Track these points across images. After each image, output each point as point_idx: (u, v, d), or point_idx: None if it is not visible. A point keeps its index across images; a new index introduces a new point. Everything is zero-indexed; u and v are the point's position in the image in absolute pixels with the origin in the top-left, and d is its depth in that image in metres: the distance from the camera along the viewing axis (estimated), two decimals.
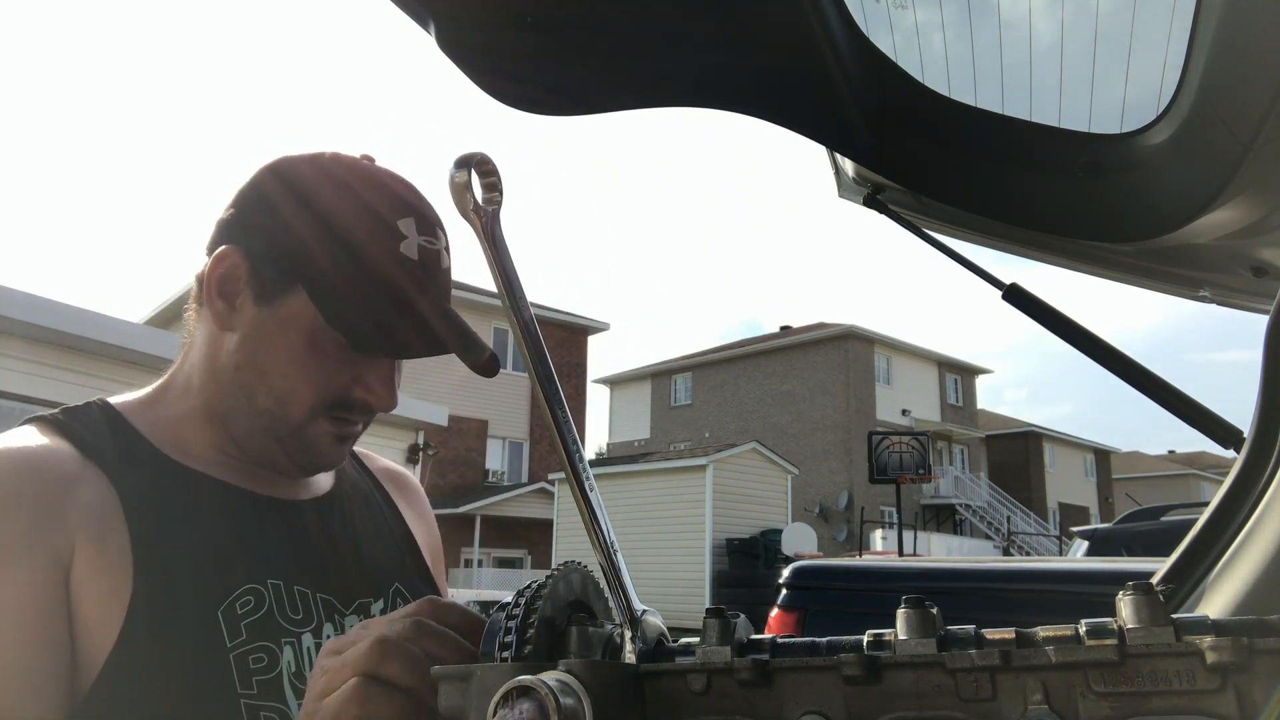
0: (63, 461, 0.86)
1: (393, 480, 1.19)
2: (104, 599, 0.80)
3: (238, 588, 0.87)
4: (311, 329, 0.91)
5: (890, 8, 0.93)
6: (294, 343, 0.92)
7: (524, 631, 0.58)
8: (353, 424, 0.96)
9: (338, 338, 0.91)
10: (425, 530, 1.18)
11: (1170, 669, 0.49)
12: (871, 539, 22.77)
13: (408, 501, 1.18)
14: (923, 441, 15.73)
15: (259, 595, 0.88)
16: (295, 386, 0.92)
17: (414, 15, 0.81)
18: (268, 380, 0.93)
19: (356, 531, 1.04)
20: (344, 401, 0.93)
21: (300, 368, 0.92)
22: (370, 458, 1.20)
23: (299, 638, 0.90)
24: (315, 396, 0.92)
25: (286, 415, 0.93)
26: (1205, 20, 0.74)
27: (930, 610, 0.54)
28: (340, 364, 0.92)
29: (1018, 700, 0.50)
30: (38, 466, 0.84)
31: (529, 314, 0.66)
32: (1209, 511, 0.74)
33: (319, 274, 0.91)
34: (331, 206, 0.92)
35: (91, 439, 0.90)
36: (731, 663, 0.55)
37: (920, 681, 0.52)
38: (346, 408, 0.94)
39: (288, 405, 0.92)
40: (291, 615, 0.90)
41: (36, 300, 7.01)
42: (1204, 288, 1.01)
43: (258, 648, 0.86)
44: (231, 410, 0.95)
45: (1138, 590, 0.52)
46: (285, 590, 0.91)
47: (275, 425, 0.93)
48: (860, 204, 1.12)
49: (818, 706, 0.53)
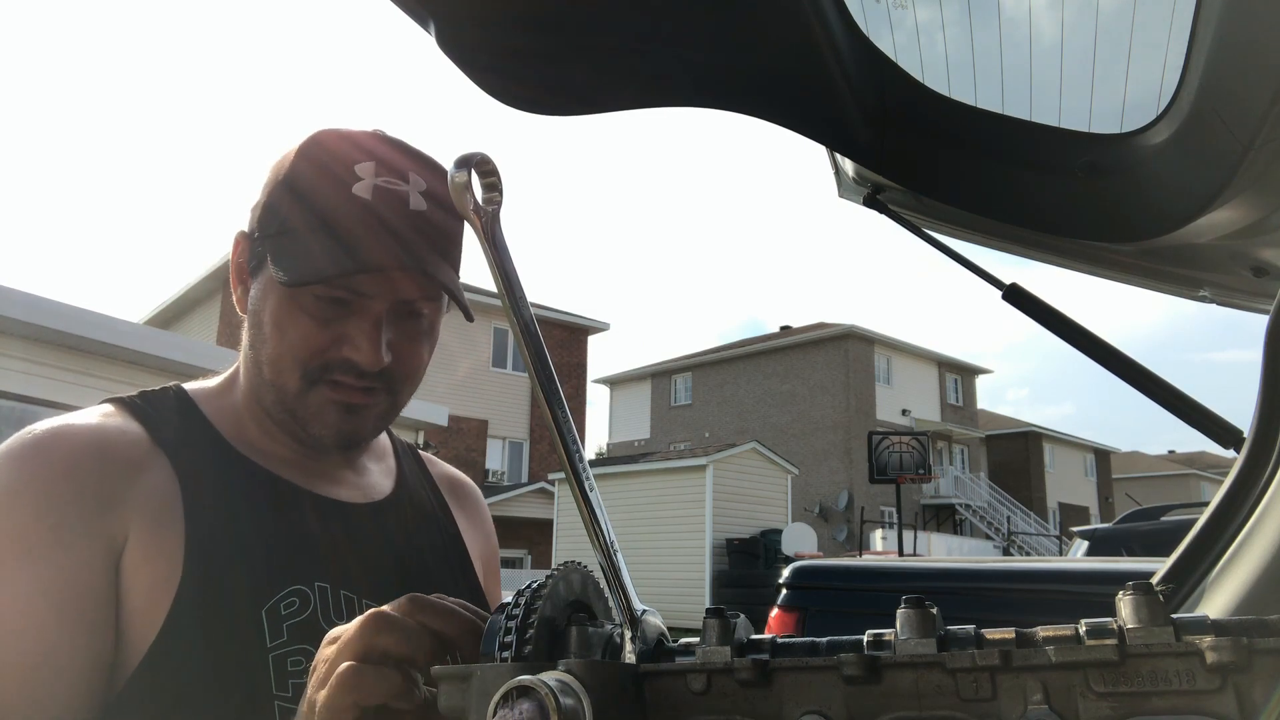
0: (132, 445, 0.87)
1: (452, 488, 1.18)
2: (153, 587, 0.81)
3: (284, 588, 0.87)
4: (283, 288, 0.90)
5: (890, 8, 0.93)
6: (274, 306, 0.91)
7: (524, 631, 0.58)
8: (352, 389, 0.93)
9: (313, 292, 0.89)
10: (482, 541, 1.17)
11: (1170, 669, 0.49)
12: (871, 539, 22.77)
13: (465, 511, 1.17)
14: (923, 441, 15.73)
15: (304, 597, 0.88)
16: (281, 350, 0.91)
17: (414, 15, 0.81)
18: (266, 350, 0.93)
19: (409, 539, 1.03)
20: (330, 362, 0.91)
21: (281, 330, 0.91)
22: (433, 463, 1.20)
23: None
24: (300, 358, 0.91)
25: (284, 384, 0.92)
26: (1205, 20, 0.74)
27: (930, 610, 0.54)
28: (320, 323, 0.91)
29: (1018, 700, 0.50)
30: (106, 448, 0.86)
31: (529, 314, 0.66)
32: (1209, 511, 0.74)
33: (277, 229, 0.92)
34: (297, 169, 0.93)
35: (163, 425, 0.92)
36: (731, 663, 0.55)
37: (920, 681, 0.52)
38: (335, 368, 0.92)
39: (281, 373, 0.92)
40: (335, 620, 0.89)
41: (36, 300, 7.01)
42: (1204, 288, 1.01)
43: (297, 650, 0.85)
44: (258, 394, 0.95)
45: (1138, 590, 0.52)
46: (331, 594, 0.90)
47: (281, 398, 0.93)
48: (860, 204, 1.12)
49: (818, 706, 0.53)
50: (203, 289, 27.07)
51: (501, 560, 4.71)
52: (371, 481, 1.05)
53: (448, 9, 0.81)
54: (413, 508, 1.07)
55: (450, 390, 23.41)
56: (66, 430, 0.86)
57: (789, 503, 21.32)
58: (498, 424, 26.97)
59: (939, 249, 1.05)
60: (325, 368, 0.91)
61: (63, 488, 0.82)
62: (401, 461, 1.13)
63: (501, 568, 4.16)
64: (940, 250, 1.05)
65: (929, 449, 16.06)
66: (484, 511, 1.22)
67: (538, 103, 0.90)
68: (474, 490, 1.23)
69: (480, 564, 1.13)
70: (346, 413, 0.94)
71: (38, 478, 0.82)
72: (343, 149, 0.93)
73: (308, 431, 0.94)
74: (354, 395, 0.93)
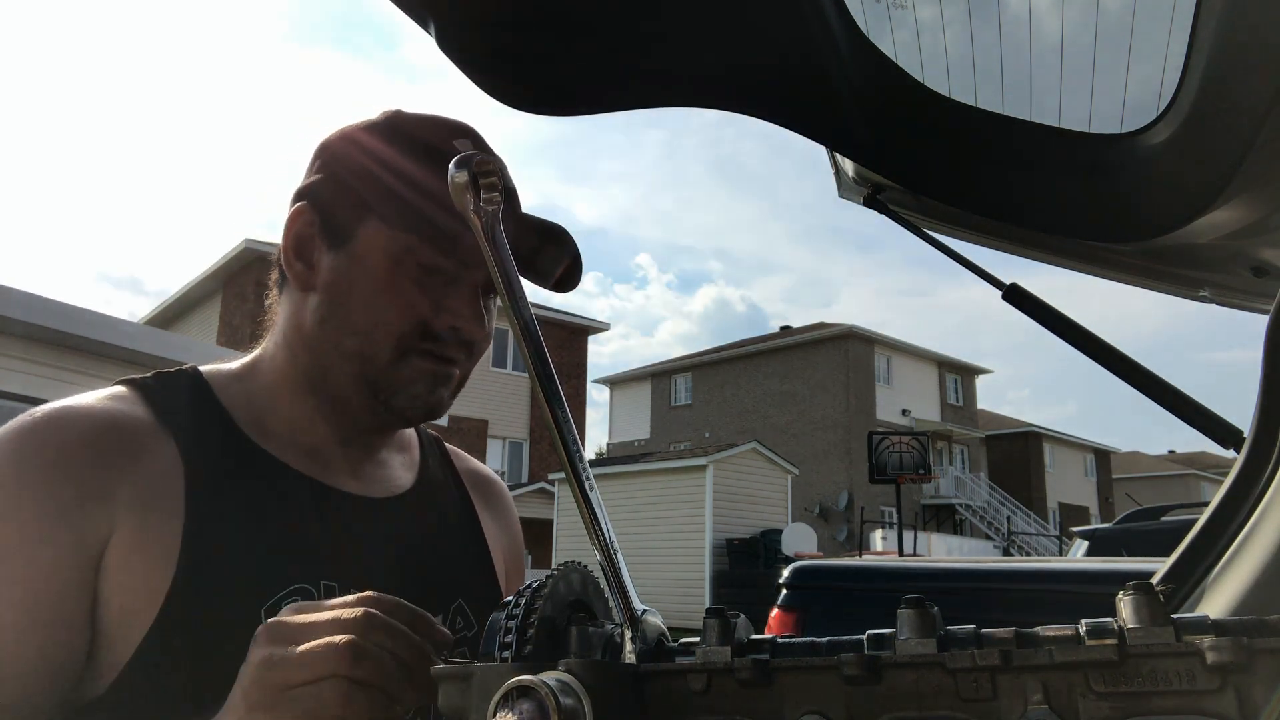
0: (133, 431, 0.84)
1: (477, 484, 1.13)
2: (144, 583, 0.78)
3: (288, 585, 0.83)
4: (387, 252, 0.88)
5: (890, 8, 0.93)
6: (372, 272, 0.89)
7: (524, 631, 0.58)
8: (448, 361, 0.92)
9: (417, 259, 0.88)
10: (506, 541, 1.12)
11: (1170, 669, 0.49)
12: (871, 539, 22.76)
13: (491, 508, 1.12)
14: (923, 441, 15.73)
15: (308, 596, 0.84)
16: (378, 318, 0.89)
17: (414, 15, 0.81)
18: (351, 320, 0.90)
19: (429, 537, 1.00)
20: (430, 331, 0.89)
21: (380, 296, 0.89)
22: (460, 457, 1.16)
23: None
24: (399, 326, 0.88)
25: (374, 354, 0.89)
26: (1205, 20, 0.74)
27: (930, 610, 0.54)
28: (422, 290, 0.89)
29: (1018, 700, 0.50)
30: (101, 436, 0.82)
31: (529, 314, 0.66)
32: (1209, 511, 0.74)
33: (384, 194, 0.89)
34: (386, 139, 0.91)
35: (174, 409, 0.88)
36: (731, 663, 0.55)
37: (920, 681, 0.52)
38: (434, 338, 0.90)
39: (374, 341, 0.89)
40: None
41: (36, 300, 7.01)
42: (1204, 288, 1.01)
43: None
44: (325, 370, 0.92)
45: (1138, 590, 0.52)
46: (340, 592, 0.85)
47: (365, 368, 0.90)
48: (860, 204, 1.12)
49: (818, 706, 0.53)
50: (203, 289, 27.07)
51: None
52: (392, 474, 1.01)
53: (448, 9, 0.81)
54: (433, 503, 1.03)
55: None
56: (62, 417, 0.83)
57: (789, 503, 21.32)
58: (498, 424, 26.97)
59: (939, 249, 1.05)
60: (425, 336, 0.89)
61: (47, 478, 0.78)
62: (426, 454, 1.09)
63: None
64: (940, 250, 1.05)
65: (929, 449, 16.06)
66: (510, 509, 1.17)
67: (538, 103, 0.90)
68: (500, 487, 1.18)
69: (503, 563, 1.09)
70: (435, 384, 0.92)
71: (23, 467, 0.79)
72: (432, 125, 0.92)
73: (391, 405, 0.91)
74: (446, 367, 0.92)
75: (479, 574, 1.03)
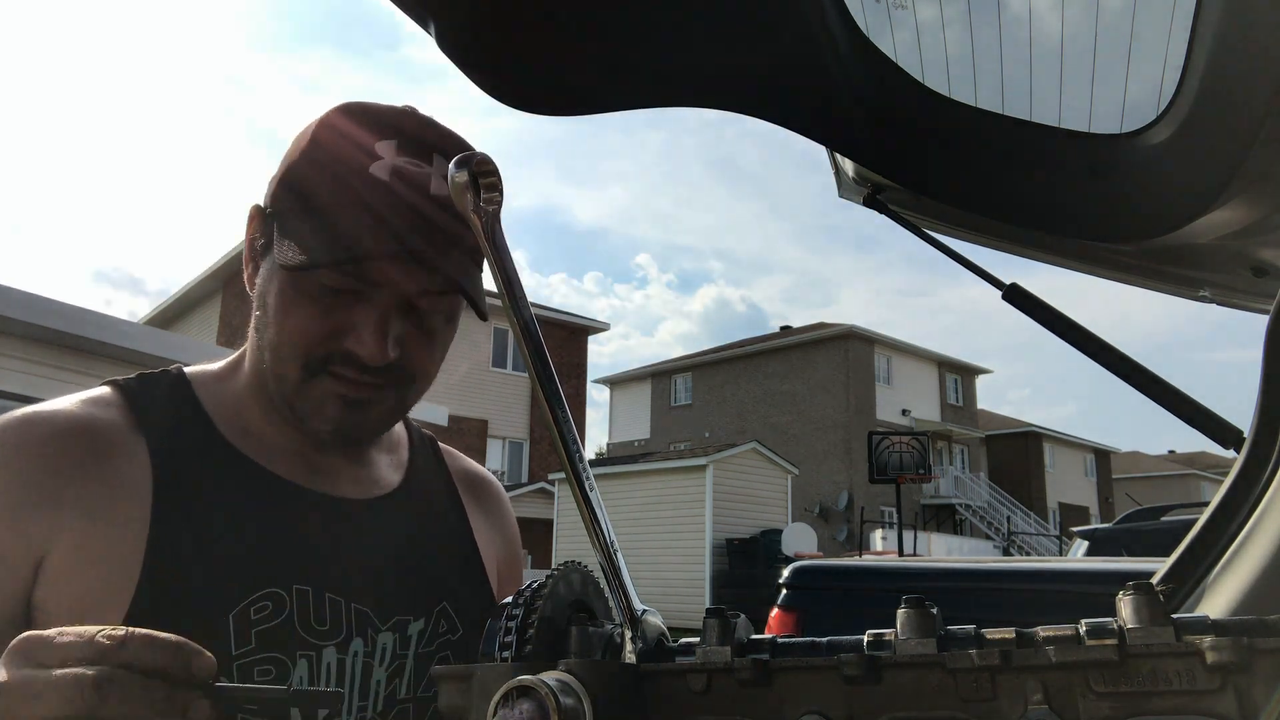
0: (104, 434, 0.82)
1: (469, 484, 1.09)
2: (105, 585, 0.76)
3: (257, 590, 0.80)
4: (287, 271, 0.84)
5: (890, 8, 0.93)
6: (277, 289, 0.85)
7: (524, 631, 0.58)
8: (357, 384, 0.86)
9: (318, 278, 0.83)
10: (500, 543, 1.08)
11: (1170, 669, 0.49)
12: (871, 539, 22.76)
13: (483, 509, 1.08)
14: (923, 441, 15.73)
15: (279, 601, 0.81)
16: (283, 338, 0.85)
17: (414, 15, 0.81)
18: (268, 336, 0.87)
19: (413, 539, 0.96)
20: (332, 354, 0.85)
21: (283, 316, 0.85)
22: (452, 456, 1.12)
23: (319, 651, 0.83)
24: (301, 348, 0.84)
25: (285, 373, 0.86)
26: (1205, 20, 0.74)
27: (930, 610, 0.54)
28: (323, 311, 0.84)
29: (1018, 700, 0.50)
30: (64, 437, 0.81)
31: (529, 314, 0.66)
32: (1209, 511, 0.74)
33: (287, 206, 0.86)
34: (315, 142, 0.87)
35: (151, 411, 0.87)
36: (731, 663, 0.55)
37: (920, 681, 0.52)
38: (337, 361, 0.85)
39: (282, 359, 0.86)
40: (316, 626, 0.83)
41: (37, 300, 7.01)
42: (1204, 288, 1.01)
43: (267, 659, 0.79)
44: (261, 379, 0.89)
45: (1138, 590, 0.52)
46: (314, 597, 0.84)
47: (281, 386, 0.87)
48: (860, 204, 1.12)
49: (818, 706, 0.53)
50: (203, 289, 27.08)
51: None
52: (377, 475, 0.97)
53: (448, 9, 0.81)
54: (421, 503, 1.00)
55: (450, 390, 23.41)
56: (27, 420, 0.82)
57: (789, 503, 21.32)
58: (498, 424, 26.97)
59: (939, 249, 1.05)
60: (327, 359, 0.85)
61: None
62: (416, 454, 1.05)
63: None
64: (940, 250, 1.05)
65: (929, 449, 16.06)
66: (505, 510, 1.13)
67: (538, 103, 0.90)
68: (495, 487, 1.14)
69: (495, 565, 1.05)
70: (349, 407, 0.87)
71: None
72: (365, 124, 0.86)
73: (306, 426, 0.88)
74: (357, 389, 0.86)
75: (466, 577, 1.00)
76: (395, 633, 0.89)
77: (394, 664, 0.88)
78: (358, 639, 0.85)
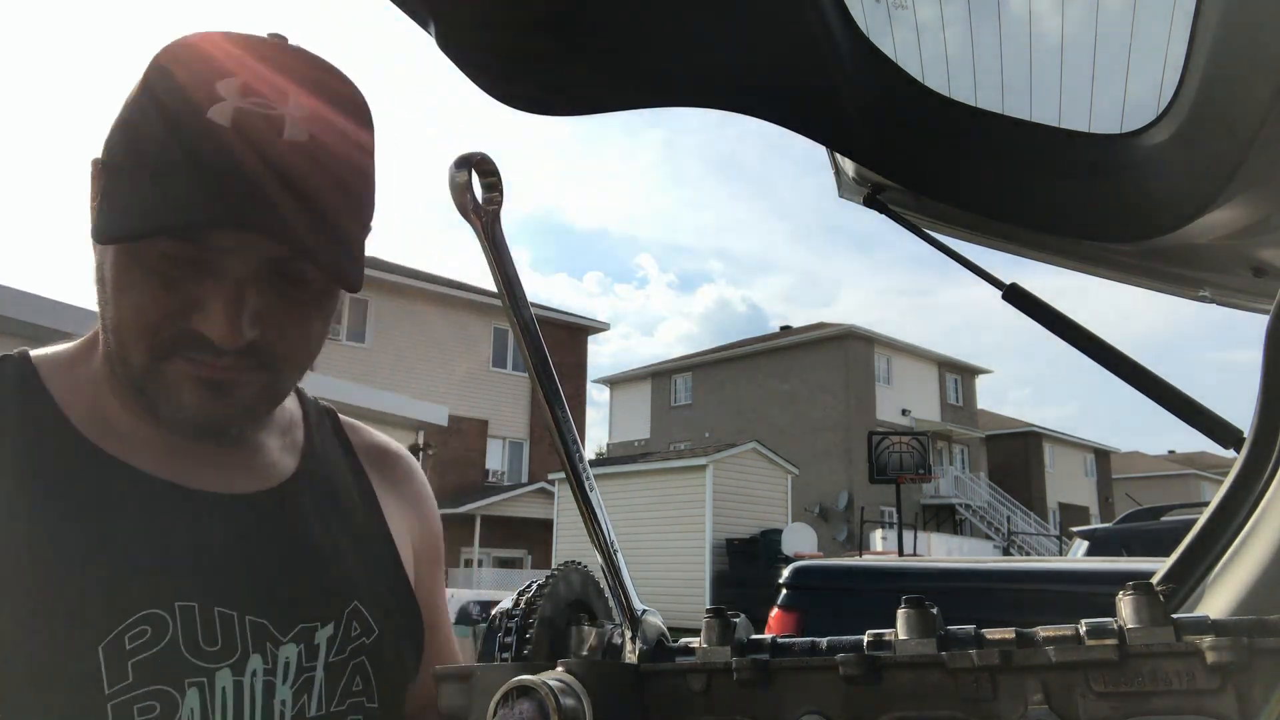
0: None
1: (377, 460, 0.95)
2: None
3: (131, 614, 0.68)
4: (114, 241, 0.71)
5: (890, 8, 0.93)
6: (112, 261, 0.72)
7: (524, 631, 0.58)
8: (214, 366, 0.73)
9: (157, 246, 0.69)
10: (415, 522, 0.95)
11: (1170, 669, 0.49)
12: (871, 539, 22.77)
13: (394, 488, 0.95)
14: (923, 441, 15.73)
15: (159, 624, 0.69)
16: (123, 318, 0.72)
17: (414, 15, 0.81)
18: (107, 313, 0.74)
19: (315, 532, 0.82)
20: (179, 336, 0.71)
21: (122, 292, 0.72)
22: (357, 430, 0.98)
23: (212, 675, 0.70)
24: (144, 329, 0.71)
25: (128, 355, 0.73)
26: (1205, 20, 0.74)
27: (930, 610, 0.54)
28: (165, 285, 0.71)
29: (1018, 700, 0.50)
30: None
31: (529, 314, 0.66)
32: (1209, 511, 0.74)
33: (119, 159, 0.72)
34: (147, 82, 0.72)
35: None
36: (731, 663, 0.55)
37: (920, 681, 0.52)
38: (186, 344, 0.71)
39: (126, 345, 0.73)
40: (205, 647, 0.71)
41: (37, 300, 7.01)
42: (1204, 288, 1.01)
43: (149, 693, 0.67)
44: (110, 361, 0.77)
45: (1138, 590, 0.52)
46: (200, 614, 0.71)
47: (130, 373, 0.74)
48: (860, 204, 1.12)
49: (817, 706, 0.53)
50: None
51: (501, 560, 4.68)
52: (267, 462, 0.83)
53: (448, 9, 0.81)
54: (322, 491, 0.86)
55: (450, 390, 23.42)
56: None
57: (789, 503, 21.33)
58: (498, 424, 26.97)
59: (939, 249, 1.05)
60: (174, 342, 0.71)
61: None
62: (313, 432, 0.91)
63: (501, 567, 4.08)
64: (940, 250, 1.05)
65: (929, 449, 16.07)
66: (419, 487, 0.99)
67: (538, 103, 0.90)
68: (406, 462, 1.00)
69: (412, 548, 0.93)
70: (210, 391, 0.73)
71: None
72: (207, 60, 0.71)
73: (161, 414, 0.74)
74: (217, 371, 0.73)
75: (378, 569, 0.87)
76: (300, 644, 0.76)
77: (301, 679, 0.76)
78: (255, 656, 0.73)
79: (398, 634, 0.86)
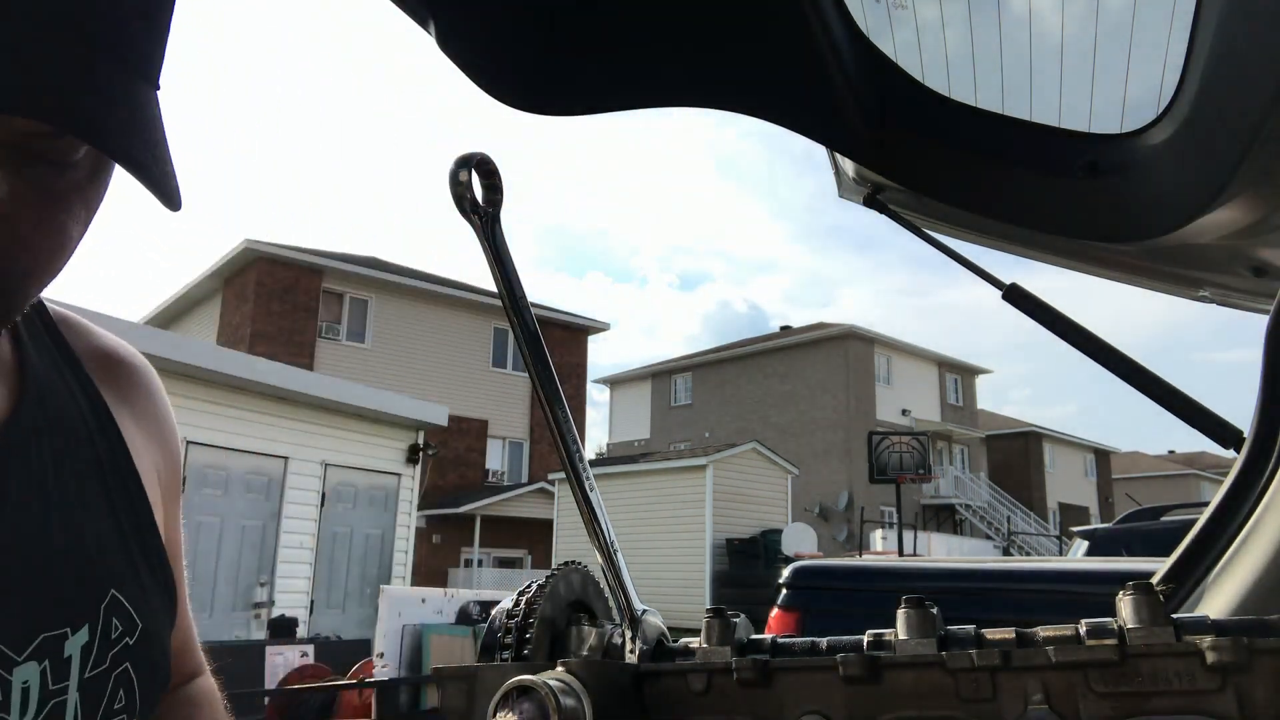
0: None
1: (108, 370, 0.73)
2: None
3: None
4: None
5: (890, 8, 0.93)
6: None
7: (524, 631, 0.58)
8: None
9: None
10: (159, 453, 0.74)
11: (1170, 669, 0.49)
12: (871, 539, 22.77)
13: (131, 404, 0.73)
14: (923, 441, 15.74)
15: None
16: None
17: (414, 15, 0.81)
18: None
19: (51, 499, 0.60)
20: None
21: None
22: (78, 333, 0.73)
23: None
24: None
25: None
26: (1205, 20, 0.74)
27: (930, 610, 0.54)
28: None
29: (1018, 700, 0.50)
30: None
31: (529, 314, 0.66)
32: (1209, 511, 0.74)
33: None
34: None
35: None
36: (731, 663, 0.55)
37: (920, 681, 0.52)
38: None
39: None
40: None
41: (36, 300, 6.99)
42: (1204, 288, 1.01)
43: None
44: None
45: (1138, 590, 0.52)
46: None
47: None
48: (860, 204, 1.12)
49: (817, 706, 0.53)
50: (203, 289, 27.08)
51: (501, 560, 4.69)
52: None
53: (448, 9, 0.81)
54: (48, 427, 0.63)
55: (450, 390, 23.41)
56: None
57: (789, 503, 21.33)
58: (498, 424, 26.97)
59: (939, 249, 1.05)
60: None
61: None
62: (25, 357, 0.65)
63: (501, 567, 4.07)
64: (940, 250, 1.05)
65: (929, 449, 16.08)
66: (157, 399, 0.77)
67: (538, 103, 0.90)
68: (142, 370, 0.77)
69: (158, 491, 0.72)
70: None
71: None
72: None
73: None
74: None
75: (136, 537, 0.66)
76: (43, 660, 0.57)
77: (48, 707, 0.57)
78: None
79: (159, 621, 0.66)
